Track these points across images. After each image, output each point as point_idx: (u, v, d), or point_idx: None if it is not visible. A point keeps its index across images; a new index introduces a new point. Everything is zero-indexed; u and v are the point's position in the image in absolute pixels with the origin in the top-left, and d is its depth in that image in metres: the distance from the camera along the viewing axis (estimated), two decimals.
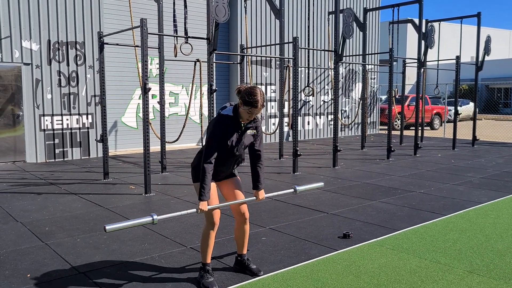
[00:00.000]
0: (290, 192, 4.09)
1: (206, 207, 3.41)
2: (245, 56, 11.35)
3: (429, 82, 26.07)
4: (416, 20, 11.92)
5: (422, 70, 11.88)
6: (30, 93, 9.91)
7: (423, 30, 11.40)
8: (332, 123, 13.70)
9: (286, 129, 14.34)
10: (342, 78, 16.20)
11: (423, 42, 11.28)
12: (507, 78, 31.10)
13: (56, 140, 10.33)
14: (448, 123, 20.67)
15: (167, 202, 6.43)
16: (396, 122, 18.87)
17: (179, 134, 9.30)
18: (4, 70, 9.61)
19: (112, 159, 10.33)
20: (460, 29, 14.00)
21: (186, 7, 7.92)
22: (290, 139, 14.27)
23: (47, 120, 10.16)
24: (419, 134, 12.82)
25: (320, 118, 15.69)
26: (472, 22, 14.83)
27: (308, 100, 15.16)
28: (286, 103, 13.50)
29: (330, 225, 5.27)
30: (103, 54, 7.95)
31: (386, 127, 16.70)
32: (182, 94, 12.92)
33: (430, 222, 5.36)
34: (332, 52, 9.47)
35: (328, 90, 15.75)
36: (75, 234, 4.93)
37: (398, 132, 14.80)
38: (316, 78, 15.43)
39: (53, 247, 4.51)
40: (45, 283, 3.67)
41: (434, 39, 11.19)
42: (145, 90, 6.76)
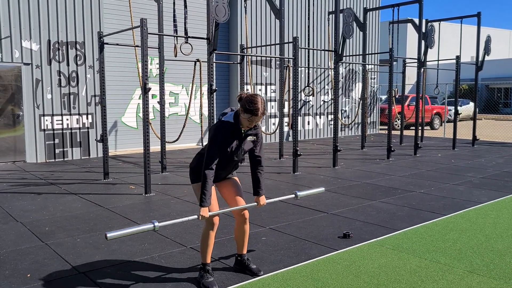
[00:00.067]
0: (291, 198, 4.16)
1: (207, 213, 3.43)
2: (245, 56, 11.35)
3: (429, 82, 26.07)
4: (416, 20, 11.92)
5: (422, 70, 11.88)
6: (30, 93, 9.91)
7: (423, 30, 11.40)
8: (332, 123, 13.70)
9: (286, 129, 14.34)
10: (342, 78, 16.20)
11: (423, 42, 11.28)
12: (507, 78, 31.10)
13: (56, 140, 10.33)
14: (448, 123, 20.67)
15: (167, 202, 6.43)
16: (396, 122, 18.88)
17: (179, 134, 9.30)
18: (4, 70, 9.61)
19: (112, 159, 10.33)
20: (460, 29, 14.00)
21: (186, 7, 7.93)
22: (290, 139, 14.27)
23: (47, 120, 10.16)
24: (419, 134, 12.82)
25: (320, 118, 15.69)
26: (472, 22, 14.82)
27: (308, 100, 15.16)
28: (286, 103, 13.50)
29: (330, 225, 5.27)
30: (103, 54, 7.95)
31: (386, 127, 16.70)
32: (182, 94, 12.92)
33: (430, 222, 5.36)
34: (332, 52, 9.47)
35: (328, 90, 15.75)
36: (75, 234, 4.93)
37: (398, 132, 14.80)
38: (316, 78, 15.43)
39: (53, 247, 4.51)
40: (45, 283, 3.68)
41: (434, 39, 11.19)
42: (145, 90, 6.77)
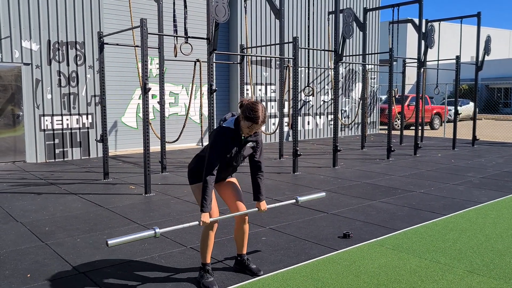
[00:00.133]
0: (292, 203, 4.18)
1: (208, 219, 3.44)
2: (245, 56, 11.35)
3: (429, 82, 26.07)
4: (416, 20, 11.92)
5: (422, 70, 11.88)
6: (30, 93, 9.91)
7: (423, 30, 11.40)
8: (332, 123, 13.70)
9: (286, 129, 14.34)
10: (342, 78, 16.20)
11: (423, 42, 11.28)
12: (507, 78, 31.09)
13: (56, 140, 10.33)
14: (448, 123, 20.67)
15: (167, 202, 6.43)
16: (396, 122, 18.88)
17: (179, 134, 9.29)
18: (4, 70, 9.61)
19: (112, 159, 10.33)
20: (460, 29, 14.00)
21: (186, 7, 7.93)
22: (290, 139, 14.27)
23: (47, 120, 10.16)
24: (419, 134, 12.82)
25: (320, 118, 15.69)
26: (472, 22, 14.82)
27: (308, 100, 15.16)
28: (286, 103, 13.50)
29: (330, 225, 5.27)
30: (103, 54, 7.95)
31: (386, 127, 16.70)
32: (182, 94, 12.92)
33: (430, 222, 5.36)
34: (332, 52, 9.47)
35: (328, 90, 15.75)
36: (75, 234, 4.93)
37: (398, 132, 14.80)
38: (316, 78, 15.43)
39: (53, 247, 4.51)
40: (45, 283, 3.68)
41: (434, 39, 11.19)
42: (145, 90, 6.77)
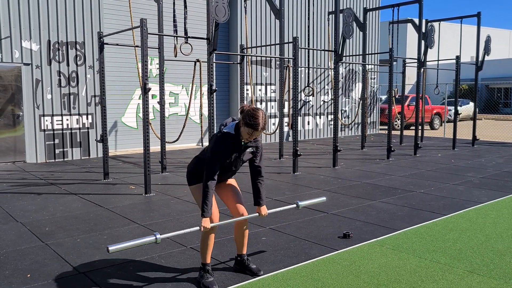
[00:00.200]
0: (293, 208, 4.21)
1: (209, 224, 3.45)
2: (245, 56, 11.35)
3: (429, 82, 26.07)
4: (416, 20, 11.92)
5: (422, 70, 11.88)
6: (30, 93, 9.91)
7: (423, 30, 11.40)
8: (332, 123, 13.70)
9: (286, 129, 14.34)
10: (342, 78, 16.20)
11: (423, 42, 11.28)
12: (507, 78, 31.09)
13: (56, 140, 10.33)
14: (448, 123, 20.67)
15: (167, 202, 6.43)
16: (396, 122, 18.87)
17: (179, 134, 9.29)
18: (4, 70, 9.61)
19: (112, 159, 10.33)
20: (460, 29, 14.00)
21: (186, 7, 7.93)
22: (290, 139, 14.28)
23: (47, 120, 10.16)
24: (419, 134, 12.82)
25: (320, 118, 15.69)
26: (472, 22, 14.82)
27: (308, 100, 15.16)
28: (286, 103, 13.50)
29: (330, 225, 5.27)
30: (103, 54, 7.95)
31: (386, 127, 16.70)
32: (182, 94, 12.92)
33: (430, 222, 5.36)
34: (332, 52, 9.47)
35: (328, 90, 15.75)
36: (75, 234, 4.93)
37: (398, 132, 14.80)
38: (316, 78, 15.43)
39: (53, 247, 4.51)
40: (45, 283, 3.68)
41: (434, 39, 11.18)
42: (145, 90, 6.77)
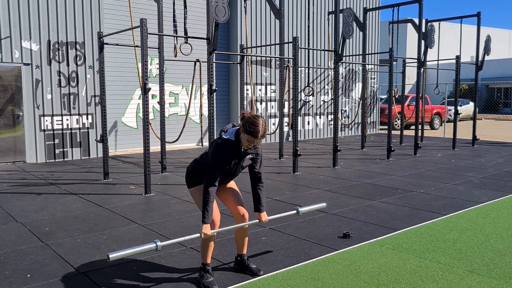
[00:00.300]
0: (293, 214, 4.23)
1: (209, 230, 3.45)
2: (245, 56, 11.35)
3: (429, 82, 26.06)
4: (416, 20, 11.92)
5: (422, 70, 11.88)
6: (30, 93, 9.91)
7: (423, 30, 11.39)
8: (332, 123, 13.70)
9: (286, 129, 14.34)
10: (342, 78, 16.20)
11: (423, 42, 11.28)
12: (507, 77, 31.08)
13: (56, 140, 10.33)
14: (448, 123, 20.66)
15: (167, 202, 6.43)
16: (396, 122, 18.87)
17: (179, 134, 9.30)
18: (4, 70, 9.61)
19: (112, 159, 10.33)
20: (460, 29, 14.00)
21: (186, 7, 7.93)
22: (290, 139, 14.27)
23: (47, 120, 10.16)
24: (419, 134, 12.82)
25: (320, 118, 15.69)
26: (472, 22, 14.81)
27: (308, 100, 15.16)
28: (286, 103, 13.50)
29: (330, 225, 5.27)
30: (103, 54, 7.95)
31: (386, 127, 16.70)
32: (182, 94, 12.92)
33: (430, 222, 5.36)
34: (332, 52, 9.47)
35: (328, 90, 15.75)
36: (75, 234, 4.93)
37: (398, 132, 14.80)
38: (316, 78, 15.43)
39: (53, 247, 4.51)
40: (45, 283, 3.68)
41: (434, 39, 11.18)
42: (145, 90, 6.77)
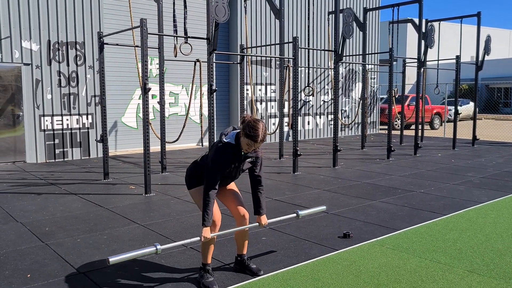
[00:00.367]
0: (293, 217, 4.25)
1: (209, 233, 3.45)
2: (245, 56, 11.35)
3: (429, 82, 26.05)
4: (416, 20, 11.92)
5: (422, 70, 11.88)
6: (30, 93, 9.91)
7: (423, 30, 11.39)
8: (332, 123, 13.70)
9: (286, 129, 14.34)
10: (342, 78, 16.20)
11: (423, 42, 11.28)
12: (507, 77, 31.07)
13: (56, 140, 10.33)
14: (448, 123, 20.66)
15: (167, 202, 6.43)
16: (396, 122, 18.87)
17: (179, 134, 9.29)
18: (4, 70, 9.61)
19: (112, 159, 10.33)
20: (460, 29, 13.99)
21: (186, 7, 7.93)
22: (290, 139, 14.27)
23: (47, 121, 10.16)
24: (419, 134, 12.81)
25: (320, 118, 15.69)
26: (472, 22, 14.80)
27: (308, 100, 15.16)
28: (286, 103, 13.50)
29: (330, 225, 5.27)
30: (103, 54, 7.95)
31: (386, 127, 16.69)
32: (182, 94, 12.92)
33: (430, 222, 5.36)
34: (332, 52, 9.47)
35: (328, 90, 15.75)
36: (75, 234, 4.93)
37: (398, 132, 14.80)
38: (316, 78, 15.43)
39: (53, 247, 4.51)
40: (45, 283, 3.68)
41: (434, 39, 11.18)
42: (145, 90, 6.77)
